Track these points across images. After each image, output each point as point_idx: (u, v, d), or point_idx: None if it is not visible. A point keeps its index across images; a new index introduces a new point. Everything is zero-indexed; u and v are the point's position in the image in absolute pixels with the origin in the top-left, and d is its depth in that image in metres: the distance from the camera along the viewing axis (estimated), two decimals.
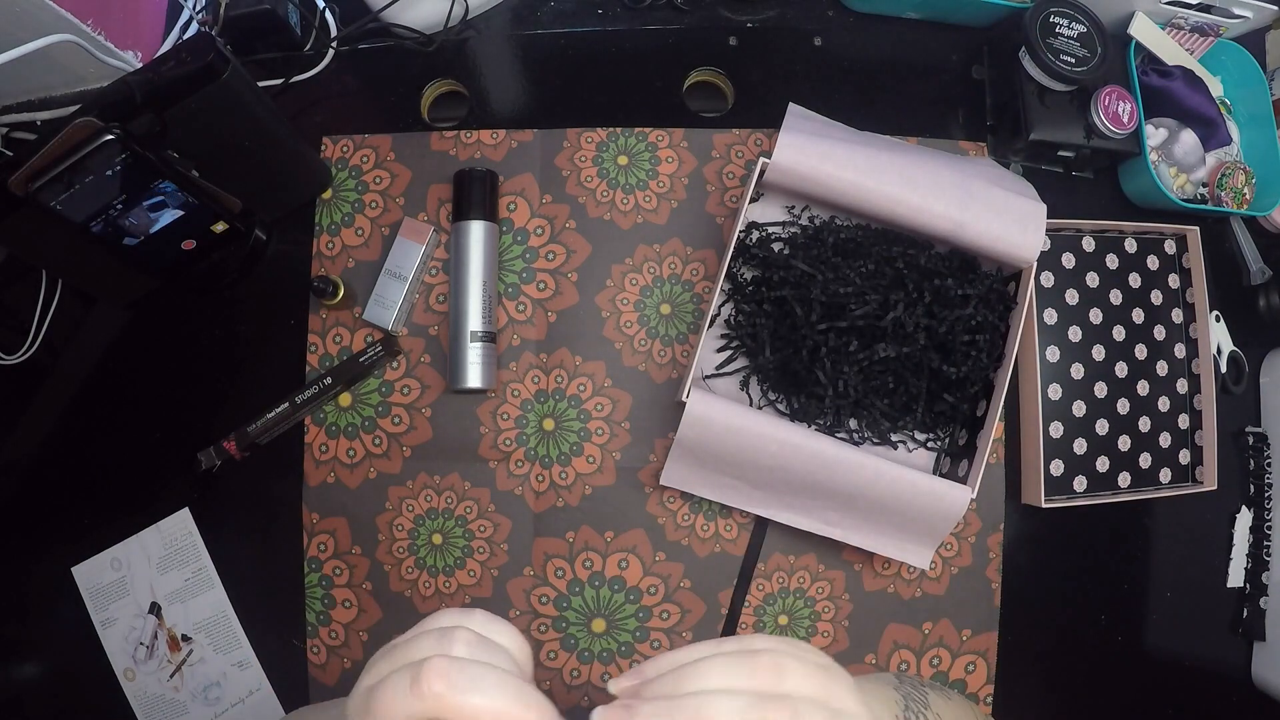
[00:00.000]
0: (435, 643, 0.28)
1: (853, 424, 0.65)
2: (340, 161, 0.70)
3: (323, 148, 0.71)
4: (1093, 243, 0.72)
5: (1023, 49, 0.69)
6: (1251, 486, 0.73)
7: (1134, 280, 0.72)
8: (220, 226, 0.63)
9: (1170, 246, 0.74)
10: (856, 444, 0.65)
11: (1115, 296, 0.72)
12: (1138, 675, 0.71)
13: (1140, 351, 0.72)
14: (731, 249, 0.64)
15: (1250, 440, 0.73)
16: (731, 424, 0.58)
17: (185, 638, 0.67)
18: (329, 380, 0.66)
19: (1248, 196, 0.72)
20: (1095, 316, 0.71)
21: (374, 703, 0.26)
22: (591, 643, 0.67)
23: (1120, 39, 0.72)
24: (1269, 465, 0.73)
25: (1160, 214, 0.73)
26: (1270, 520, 0.72)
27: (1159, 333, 0.73)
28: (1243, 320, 0.75)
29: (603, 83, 0.73)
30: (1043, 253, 0.66)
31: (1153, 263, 0.73)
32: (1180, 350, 0.73)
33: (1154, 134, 0.73)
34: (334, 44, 0.71)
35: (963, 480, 0.61)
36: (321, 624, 0.67)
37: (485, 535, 0.67)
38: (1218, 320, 0.74)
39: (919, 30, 0.75)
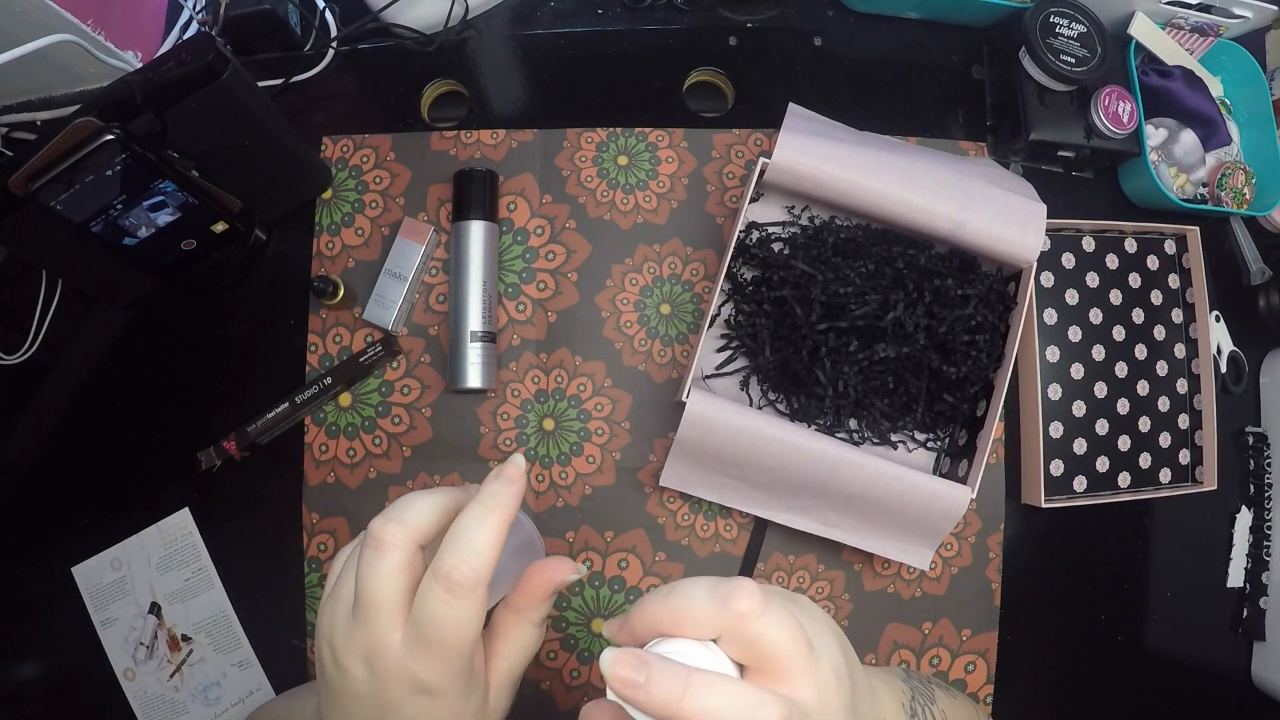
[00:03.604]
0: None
1: (853, 424, 0.65)
2: (340, 161, 0.70)
3: (323, 148, 0.71)
4: (1093, 243, 0.72)
5: (1023, 49, 0.69)
6: (1251, 486, 0.73)
7: (1134, 280, 0.72)
8: (220, 226, 0.63)
9: (1170, 246, 0.74)
10: (856, 444, 0.65)
11: (1115, 296, 0.72)
12: (1138, 675, 0.70)
13: (1140, 351, 0.72)
14: (731, 249, 0.63)
15: (1250, 440, 0.73)
16: (731, 424, 0.58)
17: (185, 638, 0.67)
18: (329, 380, 0.66)
19: (1248, 196, 0.72)
20: (1095, 316, 0.71)
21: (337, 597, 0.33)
22: (591, 643, 0.66)
23: (1120, 39, 0.72)
24: (1269, 465, 0.73)
25: (1160, 214, 0.73)
26: (1270, 520, 0.72)
27: (1159, 333, 0.73)
28: (1243, 320, 0.75)
29: (603, 83, 0.72)
30: (1043, 253, 0.66)
31: (1153, 263, 0.73)
32: (1180, 350, 0.73)
33: (1154, 134, 0.73)
34: (334, 44, 0.71)
35: (963, 480, 0.61)
36: None
37: None
38: (1218, 320, 0.74)
39: (919, 30, 0.75)
